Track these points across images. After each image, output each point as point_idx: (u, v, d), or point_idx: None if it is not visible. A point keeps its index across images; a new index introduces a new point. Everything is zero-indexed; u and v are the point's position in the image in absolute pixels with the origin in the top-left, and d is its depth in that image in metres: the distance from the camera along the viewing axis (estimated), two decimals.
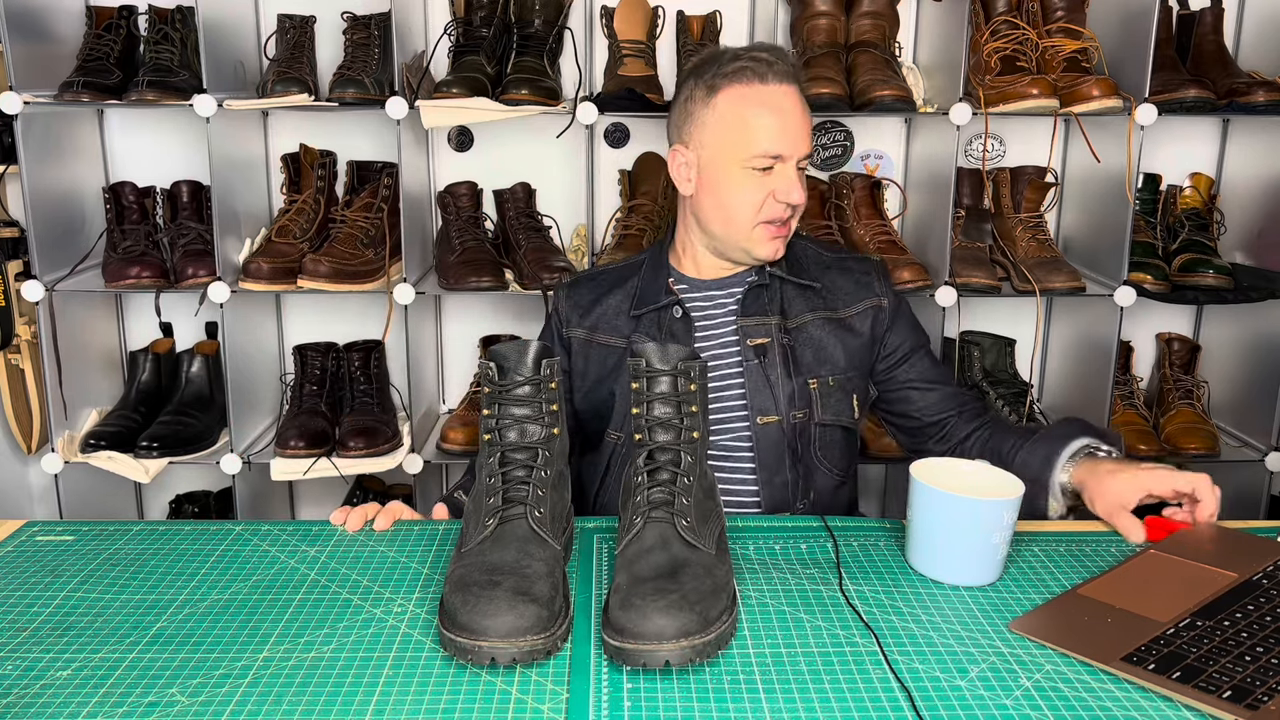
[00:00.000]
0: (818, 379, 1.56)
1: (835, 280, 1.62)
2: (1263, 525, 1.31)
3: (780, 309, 1.58)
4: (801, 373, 1.56)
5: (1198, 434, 2.17)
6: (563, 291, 1.69)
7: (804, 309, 1.59)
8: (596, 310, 1.63)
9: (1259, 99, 2.04)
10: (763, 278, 1.60)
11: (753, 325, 1.57)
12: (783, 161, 1.51)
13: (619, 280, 1.66)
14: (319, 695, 0.94)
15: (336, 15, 2.23)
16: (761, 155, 1.50)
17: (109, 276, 2.11)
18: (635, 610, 0.96)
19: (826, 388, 1.57)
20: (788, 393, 1.55)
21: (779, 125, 1.50)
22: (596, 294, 1.65)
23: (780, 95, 1.51)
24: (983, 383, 2.32)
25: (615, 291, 1.64)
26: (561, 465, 1.15)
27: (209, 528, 1.27)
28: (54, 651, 1.00)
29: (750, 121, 1.50)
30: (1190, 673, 0.96)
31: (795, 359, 1.56)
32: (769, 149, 1.50)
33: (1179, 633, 1.03)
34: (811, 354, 1.57)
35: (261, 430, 2.30)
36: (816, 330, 1.58)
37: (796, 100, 1.53)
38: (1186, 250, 2.21)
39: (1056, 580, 1.17)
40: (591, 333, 1.63)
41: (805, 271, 1.62)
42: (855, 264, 1.66)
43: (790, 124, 1.51)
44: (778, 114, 1.50)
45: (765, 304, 1.58)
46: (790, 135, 1.51)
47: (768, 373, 1.55)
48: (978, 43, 2.11)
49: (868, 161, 2.38)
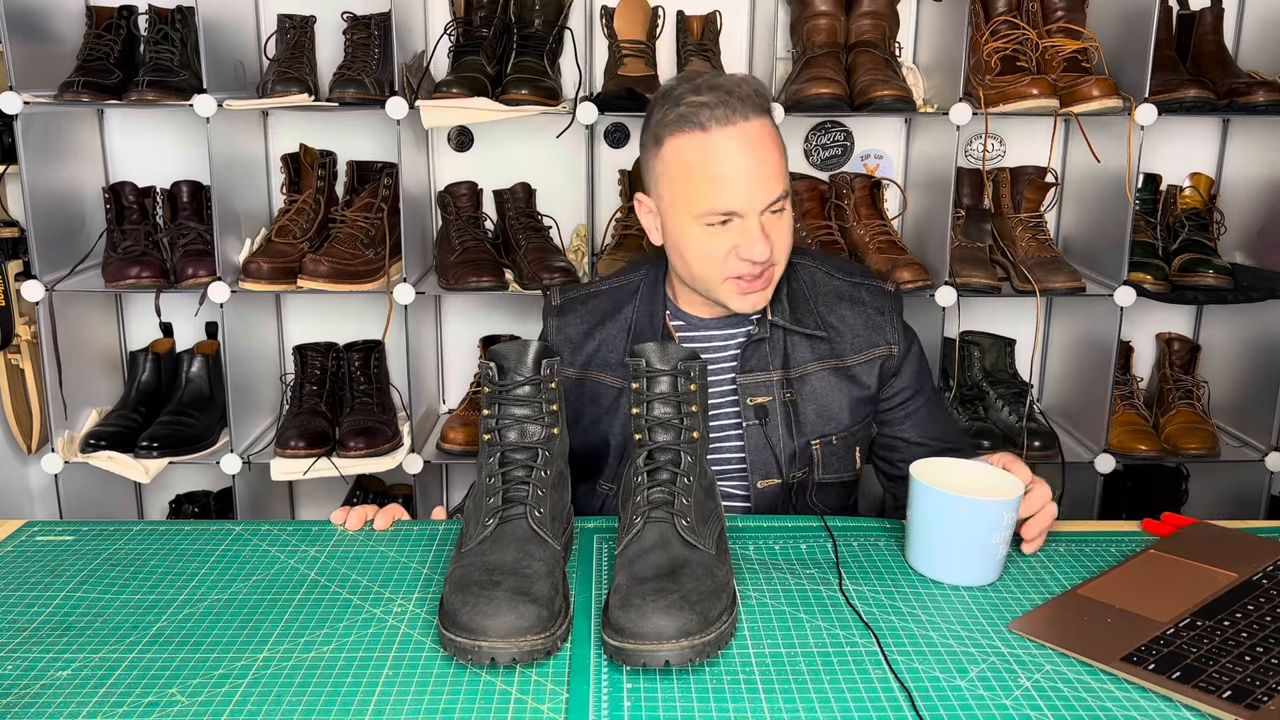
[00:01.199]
0: (821, 439, 1.46)
1: (845, 317, 1.48)
2: (1263, 525, 1.31)
3: (783, 360, 1.46)
4: (804, 433, 1.45)
5: (1198, 434, 2.17)
6: (552, 320, 1.56)
7: (809, 357, 1.46)
8: (589, 346, 1.51)
9: (1259, 99, 2.04)
10: (763, 330, 1.46)
11: (753, 383, 1.45)
12: (739, 216, 1.34)
13: (612, 308, 1.53)
14: (319, 695, 0.94)
15: (336, 15, 2.23)
16: (707, 213, 1.34)
17: (109, 276, 2.11)
18: (635, 610, 0.96)
19: (830, 447, 1.46)
20: (789, 454, 1.45)
21: (725, 178, 1.32)
22: (589, 325, 1.52)
23: (724, 142, 1.32)
24: (983, 383, 2.32)
25: (609, 323, 1.51)
26: (562, 465, 1.15)
27: (209, 528, 1.27)
28: (54, 651, 1.00)
29: (695, 177, 1.34)
30: (1190, 673, 0.96)
31: (798, 417, 1.45)
32: (715, 206, 1.33)
33: (1179, 633, 1.03)
34: (815, 411, 1.46)
35: (261, 430, 2.30)
36: (821, 383, 1.46)
37: (749, 141, 1.33)
38: (1186, 250, 2.21)
39: (1056, 580, 1.17)
40: (584, 371, 1.51)
41: (811, 314, 1.48)
42: (869, 296, 1.50)
43: (739, 175, 1.33)
44: (723, 166, 1.32)
45: (766, 357, 1.46)
46: (740, 188, 1.33)
47: (769, 435, 1.44)
48: (978, 43, 2.12)
49: (868, 161, 2.38)
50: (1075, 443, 2.25)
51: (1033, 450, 2.15)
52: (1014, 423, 2.20)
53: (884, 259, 2.11)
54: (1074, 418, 2.32)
